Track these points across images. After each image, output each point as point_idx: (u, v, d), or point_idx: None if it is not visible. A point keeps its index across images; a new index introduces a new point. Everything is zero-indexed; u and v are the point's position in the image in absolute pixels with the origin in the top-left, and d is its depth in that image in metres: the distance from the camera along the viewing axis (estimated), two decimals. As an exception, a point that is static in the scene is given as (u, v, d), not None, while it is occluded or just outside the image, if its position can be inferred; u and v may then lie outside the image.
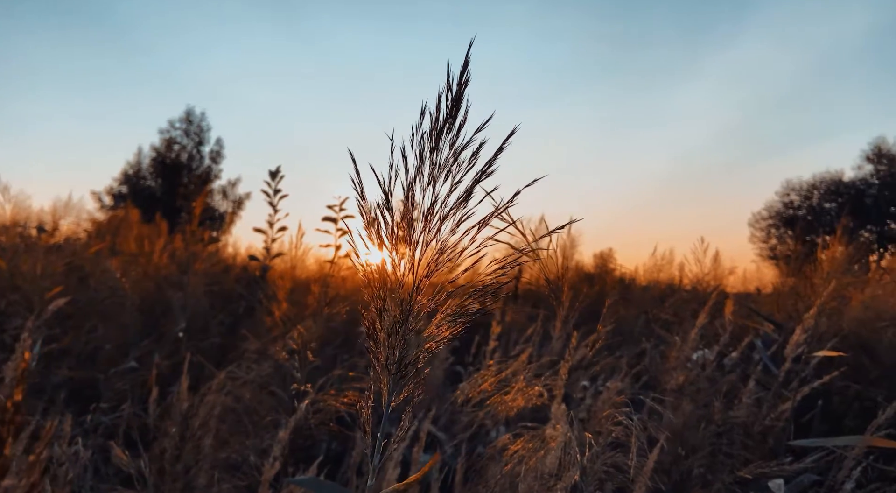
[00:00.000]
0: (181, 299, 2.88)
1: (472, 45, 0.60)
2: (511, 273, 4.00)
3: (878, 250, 15.69)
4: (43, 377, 2.29)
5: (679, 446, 1.70)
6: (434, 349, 0.60)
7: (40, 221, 7.16)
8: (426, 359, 0.59)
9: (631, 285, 5.29)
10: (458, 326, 0.60)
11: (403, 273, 0.58)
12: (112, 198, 18.43)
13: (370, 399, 0.60)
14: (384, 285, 0.58)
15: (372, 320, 0.58)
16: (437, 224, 0.59)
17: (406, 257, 0.59)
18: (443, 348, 2.33)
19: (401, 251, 0.59)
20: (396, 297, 0.58)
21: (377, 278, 0.58)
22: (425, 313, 0.59)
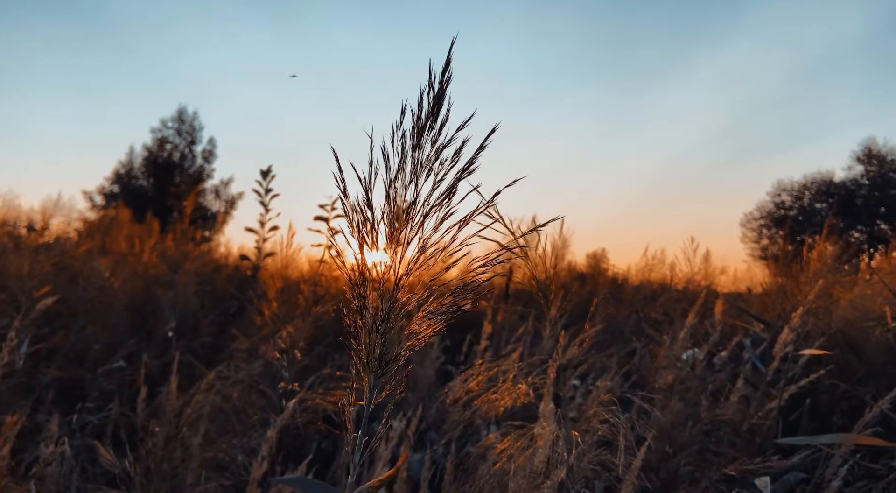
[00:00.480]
0: (171, 298, 2.87)
1: (454, 43, 0.60)
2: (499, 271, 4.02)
3: (868, 250, 15.79)
4: (31, 377, 2.27)
5: (667, 444, 1.71)
6: (416, 347, 0.60)
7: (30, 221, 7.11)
8: (408, 357, 0.59)
9: (623, 285, 5.31)
10: (440, 324, 0.60)
11: (384, 271, 0.58)
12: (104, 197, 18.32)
13: (352, 397, 0.60)
14: (365, 282, 0.58)
15: (353, 319, 0.58)
16: (418, 222, 0.59)
17: (387, 255, 0.59)
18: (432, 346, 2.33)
19: (382, 249, 0.59)
20: (377, 295, 0.58)
21: (358, 275, 0.58)
22: (407, 311, 0.59)
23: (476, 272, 0.62)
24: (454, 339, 3.47)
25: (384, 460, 1.66)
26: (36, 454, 1.62)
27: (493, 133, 0.61)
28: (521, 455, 1.01)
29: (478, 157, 0.61)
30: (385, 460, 1.66)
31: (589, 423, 1.13)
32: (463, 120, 0.60)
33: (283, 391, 1.57)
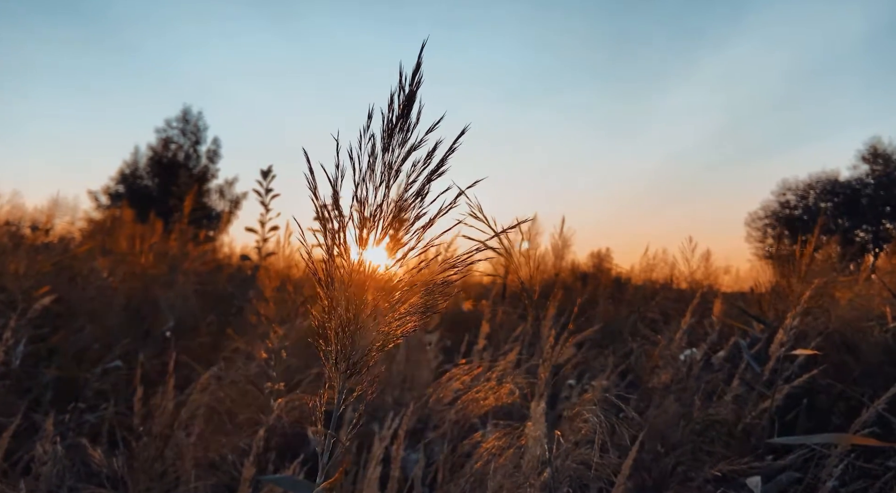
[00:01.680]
0: (169, 298, 2.88)
1: (425, 46, 0.61)
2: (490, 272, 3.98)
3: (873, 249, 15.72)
4: (31, 377, 2.29)
5: (659, 443, 1.71)
6: (386, 348, 0.60)
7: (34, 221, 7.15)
8: (378, 358, 0.60)
9: (626, 285, 5.30)
10: (409, 324, 0.61)
11: (352, 271, 0.59)
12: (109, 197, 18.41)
13: (324, 398, 0.61)
14: (332, 283, 0.59)
15: (322, 319, 0.59)
16: (387, 223, 0.60)
17: (356, 256, 0.59)
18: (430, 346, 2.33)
19: (349, 250, 0.59)
20: (345, 295, 0.58)
21: (326, 276, 0.58)
22: (376, 311, 0.60)
23: (447, 273, 0.62)
24: (453, 339, 3.48)
25: (377, 459, 1.67)
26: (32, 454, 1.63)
27: (462, 135, 0.61)
28: (502, 455, 1.01)
29: (448, 158, 0.62)
30: (378, 459, 1.67)
31: (572, 422, 1.13)
32: (433, 122, 0.61)
33: (270, 391, 1.58)
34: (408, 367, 2.71)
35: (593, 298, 4.53)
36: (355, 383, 0.60)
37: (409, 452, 2.22)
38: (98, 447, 1.72)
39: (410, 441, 2.23)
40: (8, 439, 1.64)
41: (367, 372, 0.60)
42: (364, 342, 0.59)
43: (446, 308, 3.62)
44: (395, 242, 0.60)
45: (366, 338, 0.59)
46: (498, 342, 3.18)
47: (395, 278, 0.60)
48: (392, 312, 0.60)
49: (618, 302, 4.27)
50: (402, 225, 0.60)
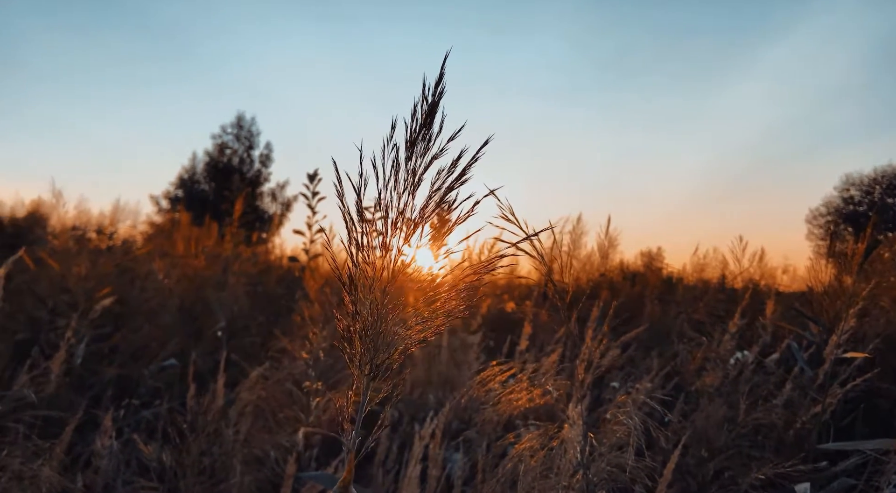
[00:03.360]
0: (222, 299, 2.99)
1: (448, 57, 0.62)
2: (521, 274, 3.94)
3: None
4: (92, 374, 2.42)
5: (704, 448, 1.68)
6: (409, 351, 0.62)
7: (100, 225, 7.53)
8: (401, 361, 0.62)
9: (676, 285, 5.18)
10: (432, 329, 0.62)
11: (376, 276, 0.61)
12: (169, 201, 19.17)
13: (351, 399, 0.63)
14: (356, 287, 0.61)
15: (346, 323, 0.61)
16: (410, 229, 0.62)
17: (380, 261, 0.61)
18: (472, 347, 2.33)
19: (373, 255, 0.61)
20: (368, 299, 0.60)
21: (349, 280, 0.61)
22: (400, 315, 0.61)
23: (469, 278, 0.64)
24: (497, 339, 3.48)
25: (417, 458, 1.69)
26: (91, 448, 1.73)
27: (485, 145, 0.62)
28: (534, 457, 1.02)
29: (471, 167, 0.63)
30: (418, 458, 1.69)
31: (606, 425, 1.13)
32: (455, 131, 0.62)
33: (308, 391, 1.63)
34: (451, 367, 2.73)
35: (641, 298, 4.45)
36: (380, 385, 0.62)
37: (452, 451, 2.24)
38: (153, 442, 1.81)
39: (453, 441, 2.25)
40: (70, 434, 1.74)
41: (392, 375, 0.62)
42: (387, 345, 0.61)
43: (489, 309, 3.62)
44: (418, 247, 0.62)
45: (389, 341, 0.61)
46: (542, 343, 3.17)
47: (418, 283, 0.62)
48: (415, 316, 0.62)
49: (666, 303, 4.18)
50: (424, 231, 0.62)
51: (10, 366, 2.13)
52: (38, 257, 3.12)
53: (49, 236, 3.39)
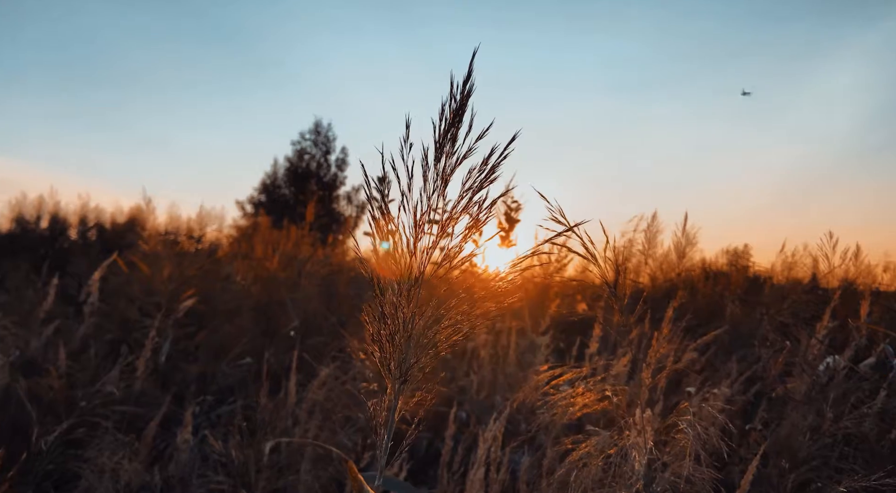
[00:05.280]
0: (295, 299, 3.09)
1: (475, 55, 0.61)
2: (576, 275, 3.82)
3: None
4: (176, 372, 2.56)
5: (786, 458, 1.56)
6: (442, 354, 0.61)
7: (189, 230, 7.99)
8: (433, 365, 0.61)
9: (762, 285, 4.90)
10: (462, 332, 0.61)
11: (405, 279, 0.60)
12: (253, 206, 20.08)
13: (385, 403, 0.63)
14: (384, 291, 0.60)
15: (376, 326, 0.60)
16: (438, 230, 0.61)
17: (408, 262, 0.60)
18: (539, 349, 2.29)
19: (403, 257, 0.60)
20: (397, 301, 0.60)
21: (377, 283, 0.60)
22: (429, 318, 0.60)
23: (502, 279, 0.62)
24: (567, 341, 3.40)
25: (481, 460, 1.68)
26: (171, 442, 1.83)
27: (513, 140, 0.60)
28: (590, 464, 0.98)
29: (500, 165, 0.61)
30: (482, 460, 1.68)
31: (675, 433, 1.07)
32: (482, 130, 0.61)
33: (365, 391, 1.64)
34: (518, 369, 2.70)
35: (722, 299, 4.24)
36: (410, 389, 0.61)
37: (519, 454, 2.21)
38: (232, 437, 1.89)
39: (520, 443, 2.22)
40: (154, 429, 1.85)
41: (423, 380, 0.61)
42: (418, 349, 0.60)
43: (559, 310, 3.55)
44: (448, 248, 0.61)
45: (419, 344, 0.60)
46: (613, 346, 3.07)
47: (445, 286, 0.60)
48: (445, 319, 0.61)
49: (750, 304, 3.95)
50: (456, 231, 0.60)
51: (102, 364, 2.28)
52: (130, 261, 3.34)
53: (140, 242, 3.61)
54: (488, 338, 2.99)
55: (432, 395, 0.62)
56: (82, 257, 4.95)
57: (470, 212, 0.61)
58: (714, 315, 4.04)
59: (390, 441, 0.61)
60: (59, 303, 2.98)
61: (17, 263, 4.33)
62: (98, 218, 8.12)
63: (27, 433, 1.79)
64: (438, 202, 0.61)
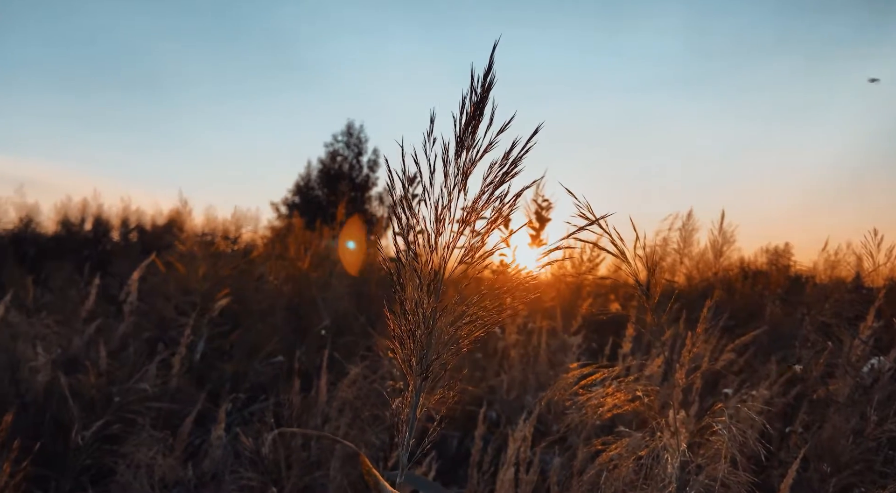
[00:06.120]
0: (326, 299, 3.12)
1: (496, 47, 0.60)
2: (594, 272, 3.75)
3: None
4: (211, 369, 2.61)
5: (827, 462, 1.51)
6: (464, 351, 0.60)
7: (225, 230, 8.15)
8: (455, 361, 0.60)
9: (803, 284, 4.75)
10: (481, 329, 0.60)
11: (425, 275, 0.59)
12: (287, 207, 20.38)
13: (408, 400, 0.62)
14: (404, 287, 0.60)
15: (397, 322, 0.60)
16: (459, 226, 0.60)
17: (428, 259, 0.60)
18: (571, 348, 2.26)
19: (422, 253, 0.60)
20: (417, 296, 0.59)
21: (397, 279, 0.59)
22: (450, 314, 0.59)
23: (526, 274, 0.61)
24: (600, 341, 3.36)
25: (511, 460, 1.66)
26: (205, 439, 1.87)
27: (535, 134, 0.59)
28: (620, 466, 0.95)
29: (521, 159, 0.60)
30: (511, 461, 1.66)
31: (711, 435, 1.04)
32: (503, 123, 0.59)
33: (392, 390, 1.64)
34: (548, 369, 2.67)
35: (761, 299, 4.13)
36: (431, 386, 0.60)
37: (550, 454, 2.19)
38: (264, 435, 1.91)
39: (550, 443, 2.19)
40: (189, 425, 1.88)
41: (444, 376, 0.60)
42: (439, 345, 0.59)
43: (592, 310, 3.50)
44: (470, 244, 0.60)
45: (440, 341, 0.59)
46: (647, 346, 3.02)
47: (466, 281, 0.60)
48: (464, 317, 0.60)
49: (790, 303, 3.84)
50: (473, 227, 0.60)
51: (140, 362, 2.34)
52: (167, 261, 3.42)
53: (177, 242, 3.70)
54: (519, 338, 2.97)
55: (455, 392, 0.61)
56: (123, 258, 5.10)
57: (491, 207, 0.60)
58: (753, 315, 3.94)
59: (412, 439, 0.60)
60: (101, 302, 3.07)
61: (62, 263, 4.47)
62: (139, 220, 8.35)
63: (68, 429, 1.84)
64: (459, 197, 0.60)
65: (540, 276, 0.63)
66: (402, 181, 0.59)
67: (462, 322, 0.59)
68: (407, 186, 0.59)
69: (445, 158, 0.60)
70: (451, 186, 0.60)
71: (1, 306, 2.38)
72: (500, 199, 0.61)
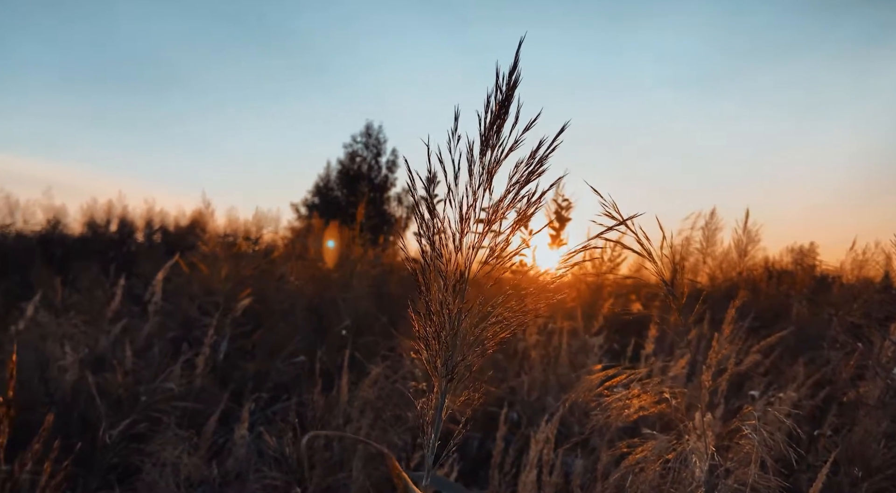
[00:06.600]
0: (346, 299, 3.13)
1: (522, 44, 0.59)
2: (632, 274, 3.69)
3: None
4: (234, 369, 2.64)
5: (858, 466, 1.47)
6: (490, 352, 0.59)
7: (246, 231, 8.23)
8: (481, 363, 0.59)
9: (830, 284, 4.66)
10: (507, 330, 0.59)
11: (450, 276, 0.59)
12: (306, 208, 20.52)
13: (432, 402, 0.62)
14: (429, 288, 0.59)
15: (422, 324, 0.60)
16: (484, 226, 0.59)
17: (453, 259, 0.59)
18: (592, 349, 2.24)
19: (447, 253, 0.59)
20: (442, 299, 0.58)
21: (422, 280, 0.59)
22: (475, 315, 0.59)
23: (551, 275, 0.60)
24: (622, 342, 3.33)
25: (533, 462, 1.65)
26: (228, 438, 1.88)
27: (562, 132, 0.58)
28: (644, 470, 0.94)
29: (547, 158, 0.59)
30: (534, 462, 1.65)
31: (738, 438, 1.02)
32: (529, 121, 0.59)
33: (415, 390, 1.64)
34: (570, 370, 2.65)
35: (786, 299, 4.06)
36: (456, 388, 0.60)
37: (572, 456, 2.17)
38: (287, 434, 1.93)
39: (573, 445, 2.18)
40: (213, 425, 1.90)
41: (469, 378, 0.60)
42: (464, 347, 0.59)
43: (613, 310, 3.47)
44: (495, 244, 0.59)
45: (465, 342, 0.58)
46: (670, 347, 2.98)
47: (490, 282, 0.59)
48: (489, 317, 0.59)
49: (817, 304, 3.77)
50: (499, 228, 0.59)
51: (164, 361, 2.37)
52: (191, 262, 3.47)
53: (200, 243, 3.74)
54: (539, 338, 2.95)
55: (480, 394, 0.61)
56: (148, 259, 5.17)
57: (517, 206, 0.59)
58: (778, 316, 3.87)
59: (437, 440, 0.60)
60: (126, 303, 3.12)
61: (88, 264, 4.55)
62: (162, 221, 8.46)
63: (95, 428, 1.87)
64: (484, 196, 0.59)
65: (562, 276, 0.62)
66: (426, 181, 0.59)
67: (488, 323, 0.59)
68: (431, 186, 0.59)
69: (470, 157, 0.59)
70: (475, 186, 0.59)
71: (30, 307, 2.43)
72: (527, 198, 0.60)
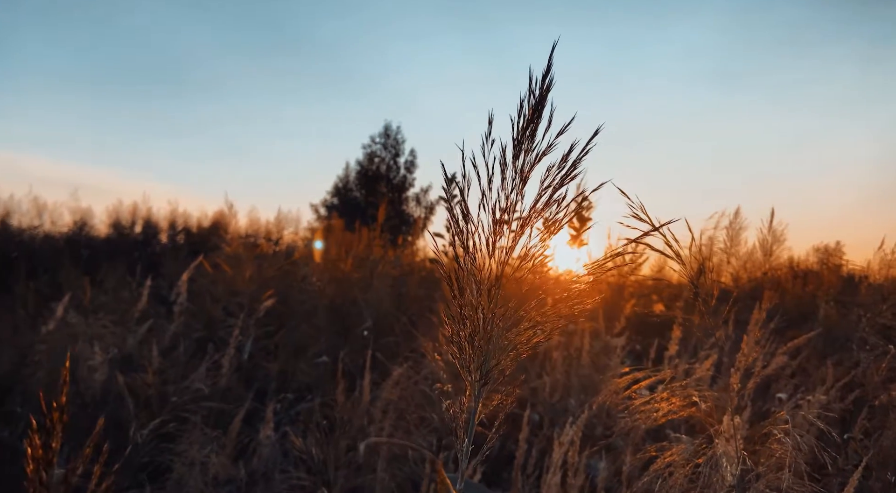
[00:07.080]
0: (367, 300, 3.14)
1: (555, 47, 0.59)
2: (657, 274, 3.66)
3: None
4: (258, 369, 2.67)
5: (891, 470, 1.44)
6: (522, 357, 0.59)
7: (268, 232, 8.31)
8: (514, 367, 0.59)
9: (858, 284, 4.58)
10: (545, 333, 0.59)
11: (483, 278, 0.59)
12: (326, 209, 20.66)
13: (464, 406, 0.62)
14: (463, 292, 0.59)
15: (455, 328, 0.60)
16: (517, 229, 0.59)
17: (487, 263, 0.59)
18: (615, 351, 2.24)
19: (481, 257, 0.59)
20: (476, 302, 0.59)
21: (456, 285, 0.59)
22: (509, 319, 0.59)
23: (581, 279, 0.60)
24: (644, 343, 3.30)
25: (556, 464, 1.65)
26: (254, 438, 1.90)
27: (596, 135, 0.58)
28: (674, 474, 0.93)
29: (581, 161, 0.59)
30: (557, 464, 1.65)
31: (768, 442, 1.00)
32: (563, 124, 0.58)
33: (440, 392, 1.64)
34: (592, 371, 2.63)
35: (813, 299, 3.99)
36: (490, 391, 0.60)
37: (596, 459, 2.16)
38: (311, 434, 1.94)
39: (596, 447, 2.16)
40: (239, 424, 1.92)
41: (503, 381, 0.60)
42: (498, 350, 0.59)
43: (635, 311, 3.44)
44: (527, 248, 0.59)
45: (499, 346, 0.58)
46: (695, 348, 2.95)
47: (526, 287, 0.59)
48: (524, 321, 0.59)
49: (845, 304, 3.70)
50: (531, 231, 0.59)
51: (190, 361, 2.40)
52: (214, 263, 3.51)
53: (223, 244, 3.78)
54: (561, 340, 2.94)
55: (512, 398, 0.61)
56: (172, 260, 5.24)
57: (549, 210, 0.59)
58: (805, 317, 3.81)
59: (471, 445, 0.60)
60: (152, 303, 3.16)
61: (114, 265, 4.63)
62: (186, 222, 8.57)
63: (125, 427, 1.90)
64: (517, 200, 0.59)
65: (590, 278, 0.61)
66: (459, 185, 0.59)
67: (522, 328, 0.59)
68: (465, 190, 0.59)
69: (503, 160, 0.59)
70: (508, 190, 0.59)
71: (60, 307, 2.48)
72: (559, 202, 0.60)
